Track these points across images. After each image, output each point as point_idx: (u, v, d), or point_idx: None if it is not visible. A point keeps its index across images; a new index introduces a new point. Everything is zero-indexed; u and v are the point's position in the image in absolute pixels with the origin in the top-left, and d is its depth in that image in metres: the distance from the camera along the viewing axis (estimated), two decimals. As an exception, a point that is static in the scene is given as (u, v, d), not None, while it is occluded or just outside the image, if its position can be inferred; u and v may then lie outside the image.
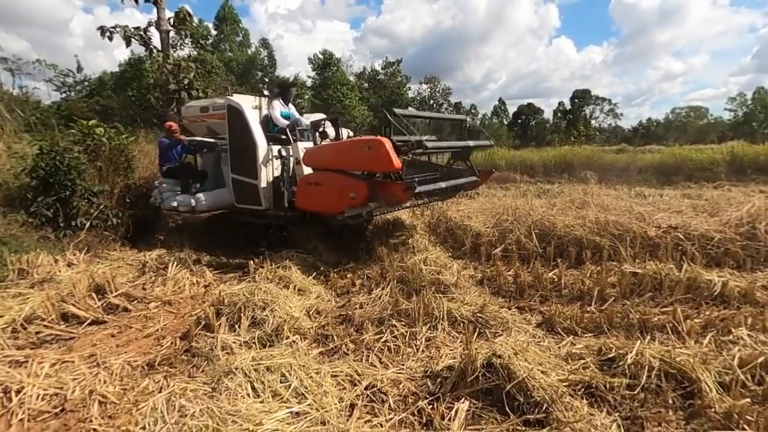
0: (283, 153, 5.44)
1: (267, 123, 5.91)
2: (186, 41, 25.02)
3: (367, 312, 3.66)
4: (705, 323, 3.32)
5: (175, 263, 5.03)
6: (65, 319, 3.60)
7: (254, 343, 3.12)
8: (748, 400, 2.30)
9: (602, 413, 2.28)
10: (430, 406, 2.41)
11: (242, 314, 3.40)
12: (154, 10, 11.50)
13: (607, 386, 2.43)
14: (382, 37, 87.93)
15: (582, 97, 47.29)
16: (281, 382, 2.30)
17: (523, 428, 2.20)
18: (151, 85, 17.32)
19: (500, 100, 53.41)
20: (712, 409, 2.27)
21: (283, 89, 6.53)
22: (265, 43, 34.59)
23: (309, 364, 2.58)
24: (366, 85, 35.58)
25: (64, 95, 21.17)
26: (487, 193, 10.88)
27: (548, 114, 49.95)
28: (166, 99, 14.86)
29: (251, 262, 4.86)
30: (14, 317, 3.39)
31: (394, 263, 4.60)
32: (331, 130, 5.95)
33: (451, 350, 3.03)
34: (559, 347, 2.99)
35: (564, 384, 2.40)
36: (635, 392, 2.40)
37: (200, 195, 5.95)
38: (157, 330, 3.56)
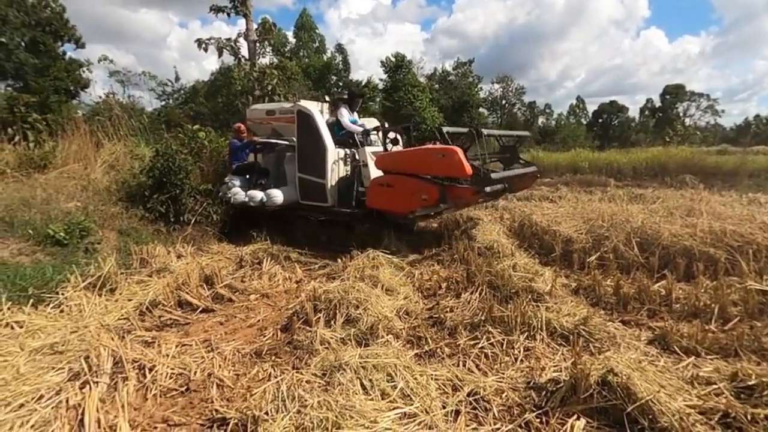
0: (356, 157, 6.17)
1: (332, 127, 6.38)
2: (267, 50, 26.68)
3: (458, 316, 3.60)
4: None
5: (269, 258, 5.35)
6: (181, 306, 3.97)
7: (350, 339, 3.20)
8: None
9: (744, 448, 2.02)
10: (539, 420, 2.31)
11: (337, 311, 3.50)
12: (239, 22, 12.35)
13: (749, 417, 2.16)
14: (452, 38, 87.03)
15: (674, 92, 43.08)
16: (388, 382, 2.33)
17: (649, 455, 2.02)
18: (238, 92, 18.65)
19: (578, 98, 50.45)
20: None
21: (351, 98, 6.96)
22: (340, 48, 35.77)
23: (412, 365, 2.59)
24: (437, 86, 35.35)
25: (163, 103, 23.53)
26: (570, 197, 10.29)
27: (633, 112, 46.13)
28: (251, 104, 16.04)
29: (339, 260, 5.02)
30: (141, 301, 3.80)
31: (482, 267, 4.49)
32: (376, 136, 6.54)
33: (554, 363, 2.88)
34: (678, 369, 2.72)
35: (695, 410, 2.17)
36: (785, 427, 2.10)
37: (271, 191, 6.37)
38: (259, 321, 3.80)
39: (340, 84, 29.44)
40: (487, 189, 5.02)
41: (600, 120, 44.49)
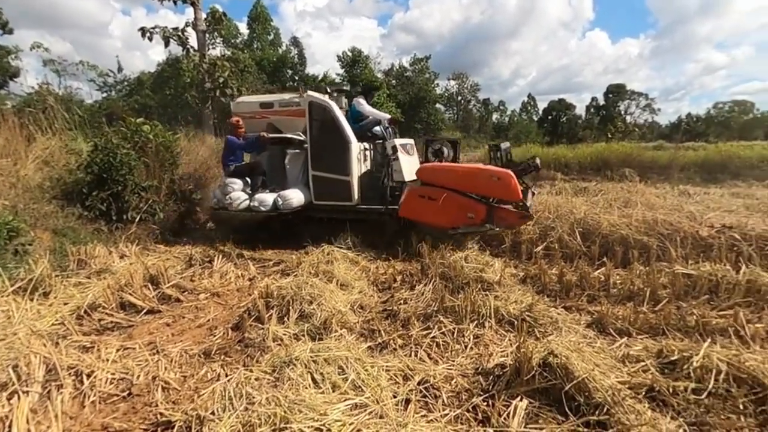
0: (388, 150, 5.78)
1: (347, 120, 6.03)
2: (218, 41, 25.66)
3: (412, 307, 3.66)
4: (771, 328, 3.17)
5: (220, 256, 5.18)
6: (123, 308, 3.77)
7: (303, 335, 3.18)
8: (828, 409, 2.18)
9: (666, 418, 2.20)
10: (485, 403, 2.40)
11: (290, 307, 3.47)
12: (188, 11, 11.85)
13: (671, 390, 2.35)
14: (409, 34, 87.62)
15: (617, 91, 45.70)
16: (339, 374, 2.34)
17: (584, 429, 2.15)
18: (187, 84, 17.83)
19: (529, 96, 52.42)
20: (788, 418, 2.16)
21: (367, 90, 6.98)
22: (295, 41, 35.03)
23: (363, 357, 2.61)
24: (393, 81, 35.50)
25: (105, 95, 22.08)
26: (521, 190, 10.69)
27: (580, 110, 48.58)
28: (201, 97, 15.33)
29: (293, 256, 4.96)
30: (78, 304, 3.58)
31: (435, 260, 4.59)
32: (408, 150, 6.22)
33: (501, 348, 3.00)
34: (612, 349, 2.92)
35: (625, 386, 2.34)
36: (701, 397, 2.31)
37: (286, 192, 5.80)
38: (209, 320, 3.68)
39: (296, 78, 28.85)
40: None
41: (550, 117, 46.46)
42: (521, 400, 2.29)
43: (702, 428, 2.17)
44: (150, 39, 13.87)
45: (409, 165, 5.86)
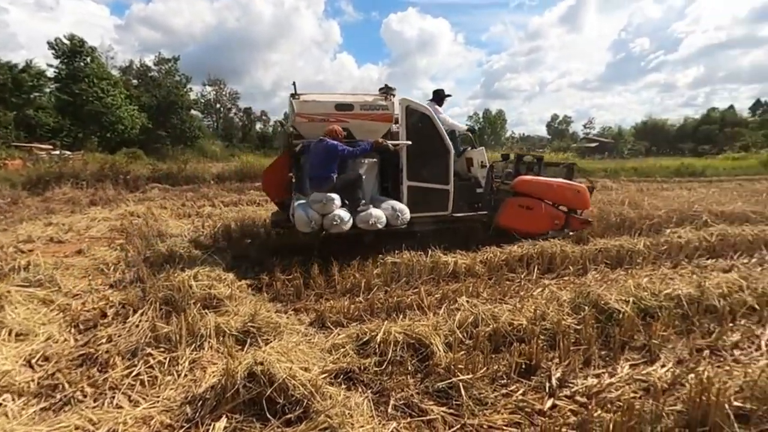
0: (482, 160, 6.37)
1: None
2: None
3: (118, 345, 3.10)
4: (442, 297, 4.08)
5: None
6: None
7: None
8: (464, 351, 2.91)
9: (357, 394, 2.50)
10: (187, 435, 2.20)
11: None
12: None
13: (362, 368, 2.69)
14: (154, 29, 77.97)
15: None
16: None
17: (285, 428, 2.22)
18: None
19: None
20: (440, 366, 2.77)
21: (439, 97, 6.58)
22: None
23: (16, 429, 1.99)
24: (135, 81, 30.81)
25: None
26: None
27: (338, 124, 53.62)
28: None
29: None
30: None
31: (158, 283, 4.06)
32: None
33: (218, 368, 2.85)
34: (327, 341, 3.17)
35: (323, 375, 2.54)
36: (384, 367, 2.73)
37: (400, 206, 5.28)
38: None
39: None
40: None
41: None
42: (220, 419, 2.18)
43: (383, 394, 2.56)
44: None
45: None
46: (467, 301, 3.69)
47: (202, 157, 18.82)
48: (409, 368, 2.76)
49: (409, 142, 5.52)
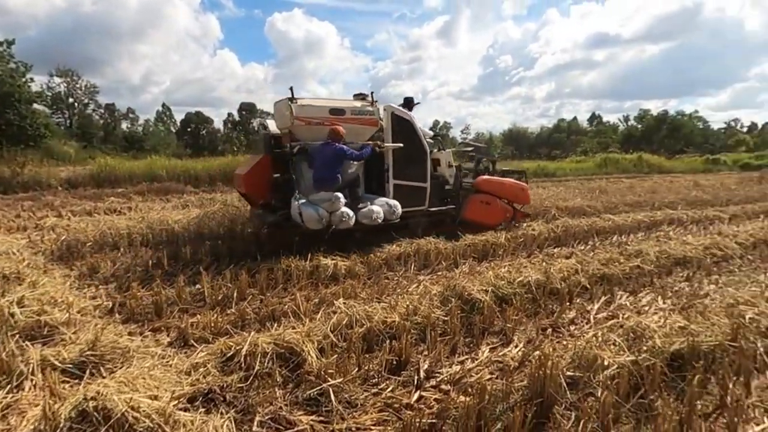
0: (449, 161, 7.16)
1: None
2: None
3: None
4: (320, 301, 3.99)
5: None
6: None
7: None
8: (336, 355, 2.86)
9: (217, 416, 2.28)
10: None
11: None
12: None
13: (224, 386, 2.48)
14: (-20, 5, 64.03)
15: (249, 109, 50.04)
16: None
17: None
18: None
19: (164, 105, 49.47)
20: (312, 373, 2.68)
21: (409, 105, 6.89)
22: None
23: None
24: (-51, 66, 24.75)
25: None
26: (141, 207, 9.72)
27: (219, 123, 50.31)
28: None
29: None
30: None
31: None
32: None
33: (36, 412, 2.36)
34: (187, 361, 2.86)
35: (176, 401, 2.27)
36: (249, 382, 2.55)
37: (393, 202, 5.95)
38: None
39: None
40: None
41: (189, 129, 45.45)
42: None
43: (248, 412, 2.38)
44: None
45: None
46: (344, 303, 3.66)
47: (49, 159, 15.82)
48: (278, 379, 2.62)
49: (401, 145, 6.12)
